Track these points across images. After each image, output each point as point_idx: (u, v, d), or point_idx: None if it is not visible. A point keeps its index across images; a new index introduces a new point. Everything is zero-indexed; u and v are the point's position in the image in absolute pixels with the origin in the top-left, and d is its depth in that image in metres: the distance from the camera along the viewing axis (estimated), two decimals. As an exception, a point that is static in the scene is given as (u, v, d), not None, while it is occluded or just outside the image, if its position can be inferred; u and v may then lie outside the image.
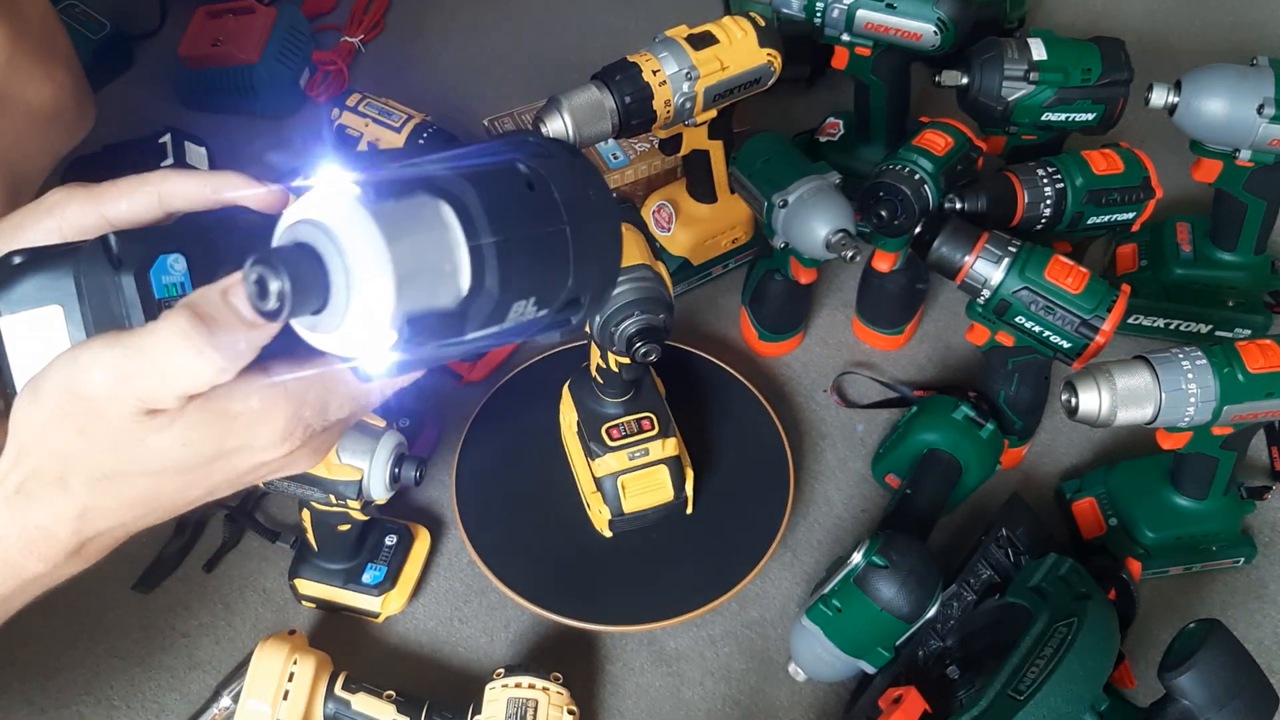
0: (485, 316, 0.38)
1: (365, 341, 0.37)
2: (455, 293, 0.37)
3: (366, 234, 0.35)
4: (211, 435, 0.41)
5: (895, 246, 0.97)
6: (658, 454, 0.86)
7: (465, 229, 0.36)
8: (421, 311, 0.36)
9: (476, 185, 0.38)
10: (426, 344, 0.37)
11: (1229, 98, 0.90)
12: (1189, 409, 0.77)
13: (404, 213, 0.36)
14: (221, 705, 0.79)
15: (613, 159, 1.13)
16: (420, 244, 0.36)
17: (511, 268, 0.38)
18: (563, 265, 0.40)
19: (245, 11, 1.26)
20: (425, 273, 0.36)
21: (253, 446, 0.42)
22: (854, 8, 0.99)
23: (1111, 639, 0.72)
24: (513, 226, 0.38)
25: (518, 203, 0.39)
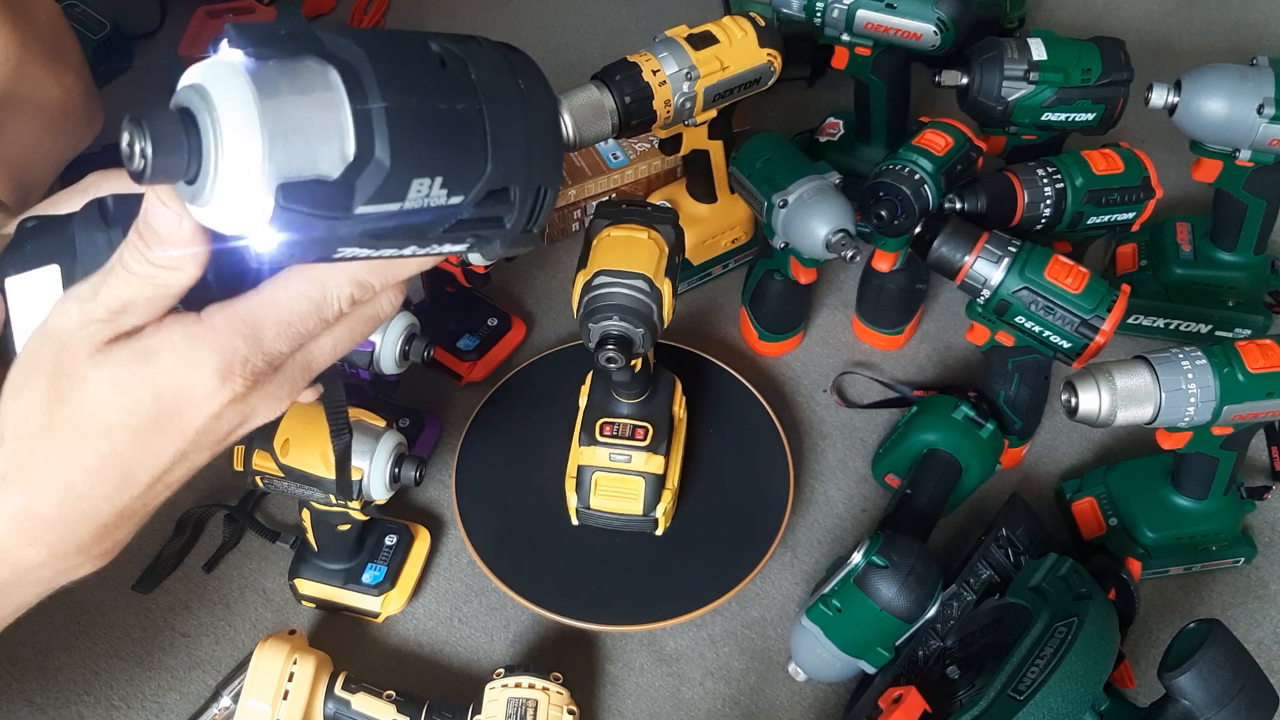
0: (377, 189, 0.35)
1: (240, 207, 0.35)
2: (339, 159, 0.35)
3: (235, 91, 0.34)
4: (140, 375, 0.41)
5: (895, 246, 0.97)
6: (639, 466, 0.85)
7: (350, 92, 0.35)
8: (301, 177, 0.34)
9: (375, 53, 0.36)
10: (311, 214, 0.35)
11: (1229, 98, 0.90)
12: (1189, 409, 0.77)
13: (284, 73, 0.34)
14: (221, 705, 0.80)
15: (613, 159, 1.13)
16: (297, 103, 0.34)
17: (405, 137, 0.35)
18: (474, 146, 0.38)
19: (245, 11, 1.27)
20: (302, 133, 0.34)
21: (193, 394, 0.42)
22: (854, 8, 0.99)
23: (1111, 639, 0.72)
24: (409, 95, 0.36)
25: (421, 74, 0.37)
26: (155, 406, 0.42)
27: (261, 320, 0.41)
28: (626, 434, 0.86)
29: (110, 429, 0.42)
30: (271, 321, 0.41)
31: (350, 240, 0.37)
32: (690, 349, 1.02)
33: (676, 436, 0.90)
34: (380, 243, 0.38)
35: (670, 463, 0.88)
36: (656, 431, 0.86)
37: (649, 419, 0.87)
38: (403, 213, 0.37)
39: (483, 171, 0.38)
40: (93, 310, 0.41)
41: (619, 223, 0.80)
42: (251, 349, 0.41)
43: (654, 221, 0.80)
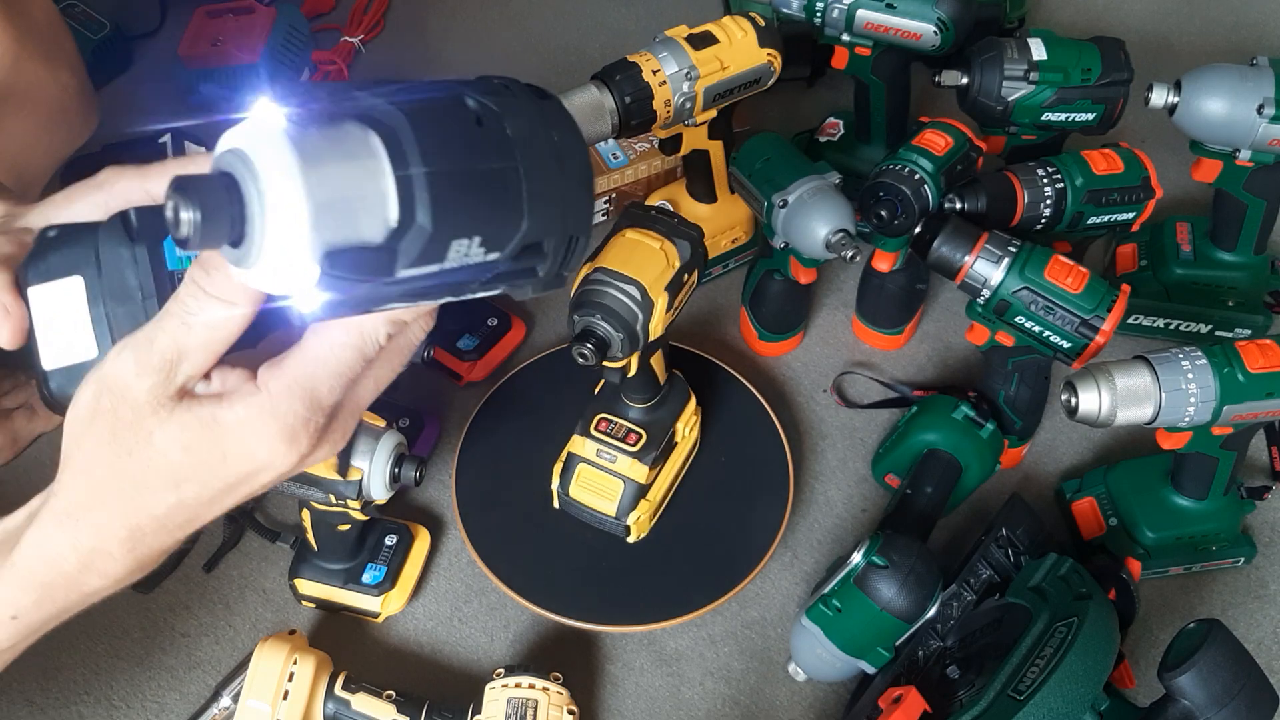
0: (419, 253, 0.36)
1: (286, 274, 0.35)
2: (382, 225, 0.35)
3: (281, 159, 0.34)
4: (207, 439, 0.42)
5: (895, 246, 0.97)
6: (622, 469, 0.86)
7: (393, 158, 0.35)
8: (345, 244, 0.35)
9: (413, 116, 0.36)
10: (354, 279, 0.36)
11: (1229, 98, 0.90)
12: (1189, 409, 0.77)
13: (327, 140, 0.35)
14: (221, 705, 0.80)
15: (613, 159, 1.13)
16: (341, 171, 0.34)
17: (446, 201, 0.36)
18: (512, 204, 0.38)
19: (245, 11, 1.26)
20: (346, 202, 0.34)
21: (260, 459, 0.43)
22: (854, 8, 0.99)
23: (1111, 639, 0.72)
24: (449, 159, 0.36)
25: (458, 136, 0.37)
26: (225, 468, 0.43)
27: (315, 378, 0.43)
28: (619, 435, 0.86)
29: (179, 484, 0.43)
30: (324, 376, 0.43)
31: (391, 299, 0.38)
32: (690, 349, 1.02)
33: (674, 453, 0.90)
34: (419, 298, 0.39)
35: (659, 476, 0.88)
36: (649, 441, 0.86)
37: (647, 427, 0.87)
38: (443, 272, 0.37)
39: (519, 229, 0.39)
40: (149, 359, 0.41)
41: (639, 226, 0.79)
42: (311, 409, 0.43)
43: (673, 234, 0.79)
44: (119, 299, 0.46)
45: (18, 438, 0.93)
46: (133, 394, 0.42)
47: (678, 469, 0.91)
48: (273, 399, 0.42)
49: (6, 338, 0.51)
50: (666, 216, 0.81)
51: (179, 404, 0.42)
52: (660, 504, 0.90)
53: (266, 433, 0.42)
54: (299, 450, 0.43)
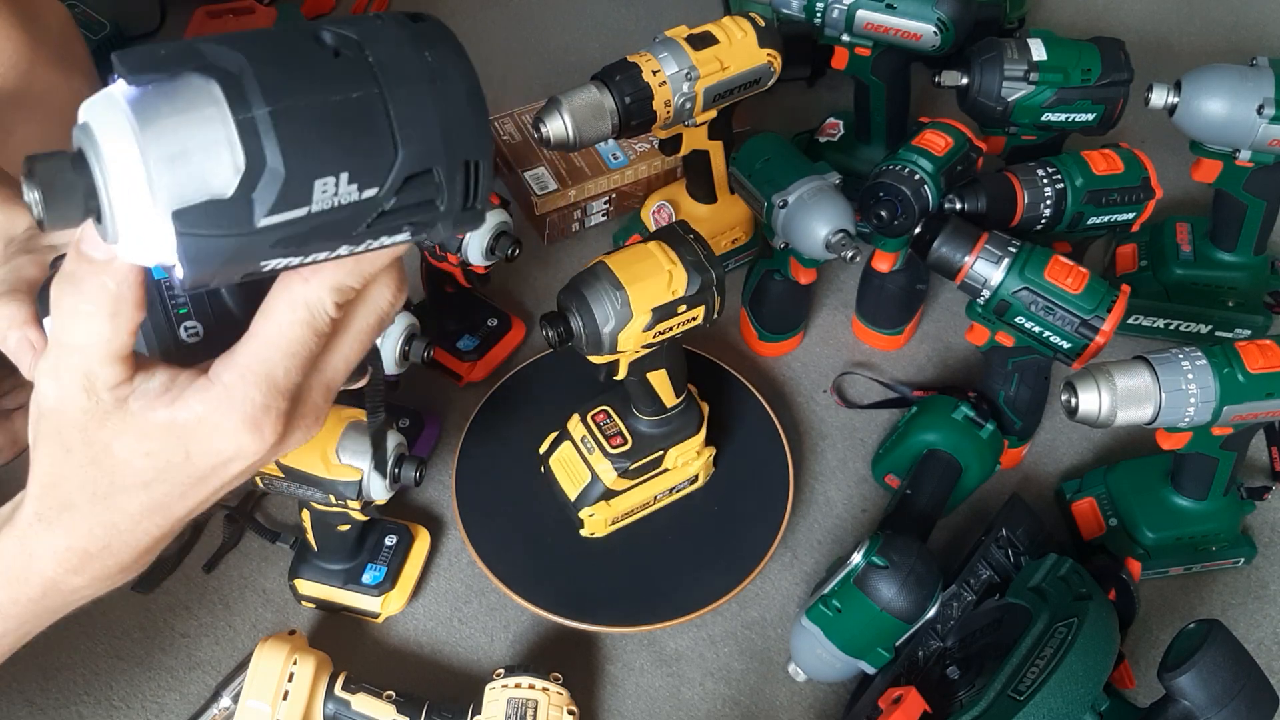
0: (277, 198, 0.34)
1: (145, 239, 0.34)
2: (232, 173, 0.34)
3: (114, 122, 0.33)
4: (167, 442, 0.41)
5: (895, 247, 0.97)
6: (594, 464, 0.86)
7: (231, 102, 0.33)
8: (195, 199, 0.34)
9: (256, 57, 0.34)
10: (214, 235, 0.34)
11: (1229, 98, 0.90)
12: (1189, 409, 0.77)
13: (163, 96, 0.33)
14: (221, 705, 0.79)
15: (613, 159, 1.13)
16: (177, 124, 0.33)
17: (297, 139, 0.34)
18: (379, 133, 0.36)
19: (245, 11, 1.26)
20: (186, 154, 0.33)
21: (226, 453, 0.42)
22: (854, 8, 0.99)
23: (1111, 639, 0.72)
24: (297, 95, 0.34)
25: (307, 69, 0.35)
26: (190, 465, 0.42)
27: (269, 362, 0.41)
28: (607, 432, 0.87)
29: (148, 485, 0.43)
30: (278, 359, 0.41)
31: (267, 253, 0.36)
32: (690, 348, 1.02)
33: (659, 478, 0.89)
34: (303, 249, 0.37)
35: (632, 490, 0.88)
36: (632, 451, 0.86)
37: (637, 439, 0.87)
38: (312, 216, 0.35)
39: (393, 160, 0.36)
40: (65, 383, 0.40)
41: (666, 243, 0.78)
42: (269, 394, 0.41)
43: (692, 267, 0.77)
44: None
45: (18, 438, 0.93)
46: (69, 415, 0.41)
47: (660, 494, 0.91)
48: (227, 390, 0.41)
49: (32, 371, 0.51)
50: (700, 248, 0.78)
51: (128, 411, 0.41)
52: (629, 517, 0.90)
53: (226, 425, 0.41)
54: (264, 438, 0.42)
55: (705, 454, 0.91)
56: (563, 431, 0.89)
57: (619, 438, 0.86)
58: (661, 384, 0.83)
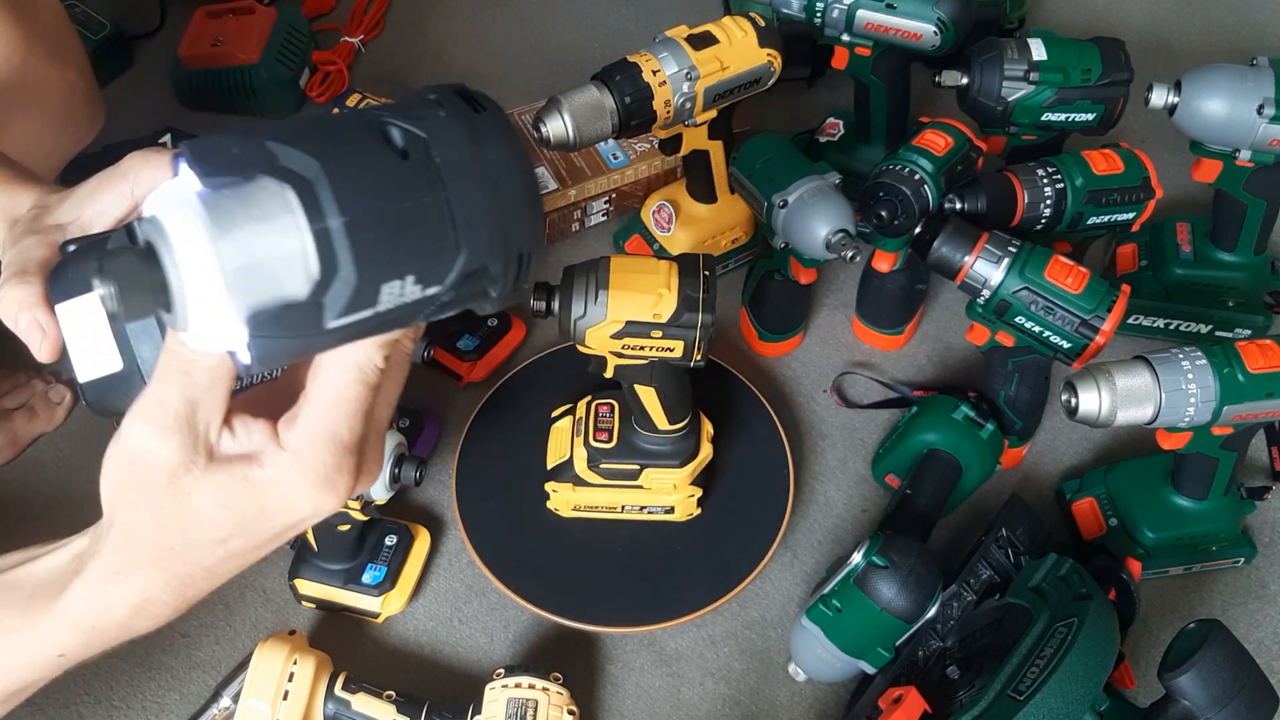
0: (347, 302, 0.35)
1: (216, 337, 0.35)
2: (305, 280, 0.35)
3: (190, 227, 0.34)
4: (243, 496, 0.42)
5: (895, 246, 0.97)
6: (575, 447, 0.88)
7: (308, 212, 0.34)
8: (269, 304, 0.34)
9: (329, 163, 0.35)
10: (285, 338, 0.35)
11: (1229, 98, 0.90)
12: (1189, 409, 0.77)
13: (238, 200, 0.34)
14: (221, 705, 0.79)
15: (613, 159, 1.13)
16: (254, 233, 0.34)
17: (370, 248, 0.35)
18: (444, 238, 0.37)
19: (245, 11, 1.26)
20: (262, 264, 0.34)
21: (300, 511, 0.43)
22: (854, 8, 0.99)
23: (1111, 639, 0.72)
24: (369, 203, 0.35)
25: (379, 176, 0.36)
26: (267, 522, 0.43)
27: (334, 424, 0.42)
28: (600, 423, 0.88)
29: (225, 540, 0.43)
30: (340, 419, 0.42)
31: (331, 345, 0.38)
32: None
33: (628, 491, 0.89)
34: (364, 336, 0.38)
35: (599, 490, 0.89)
36: (612, 453, 0.87)
37: (623, 442, 0.87)
38: (378, 315, 0.37)
39: (454, 261, 0.37)
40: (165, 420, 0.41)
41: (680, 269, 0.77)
42: (337, 454, 0.42)
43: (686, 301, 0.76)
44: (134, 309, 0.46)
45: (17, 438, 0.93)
46: (159, 459, 0.41)
47: (629, 505, 0.91)
48: (298, 457, 0.42)
49: (45, 353, 0.51)
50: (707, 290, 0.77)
51: (210, 464, 0.42)
52: (593, 511, 0.91)
53: (301, 488, 0.42)
54: (339, 495, 0.43)
55: (687, 492, 0.89)
56: (572, 407, 0.91)
57: (606, 434, 0.87)
58: (650, 402, 0.83)
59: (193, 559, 0.44)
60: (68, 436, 0.97)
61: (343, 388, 0.42)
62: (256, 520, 0.43)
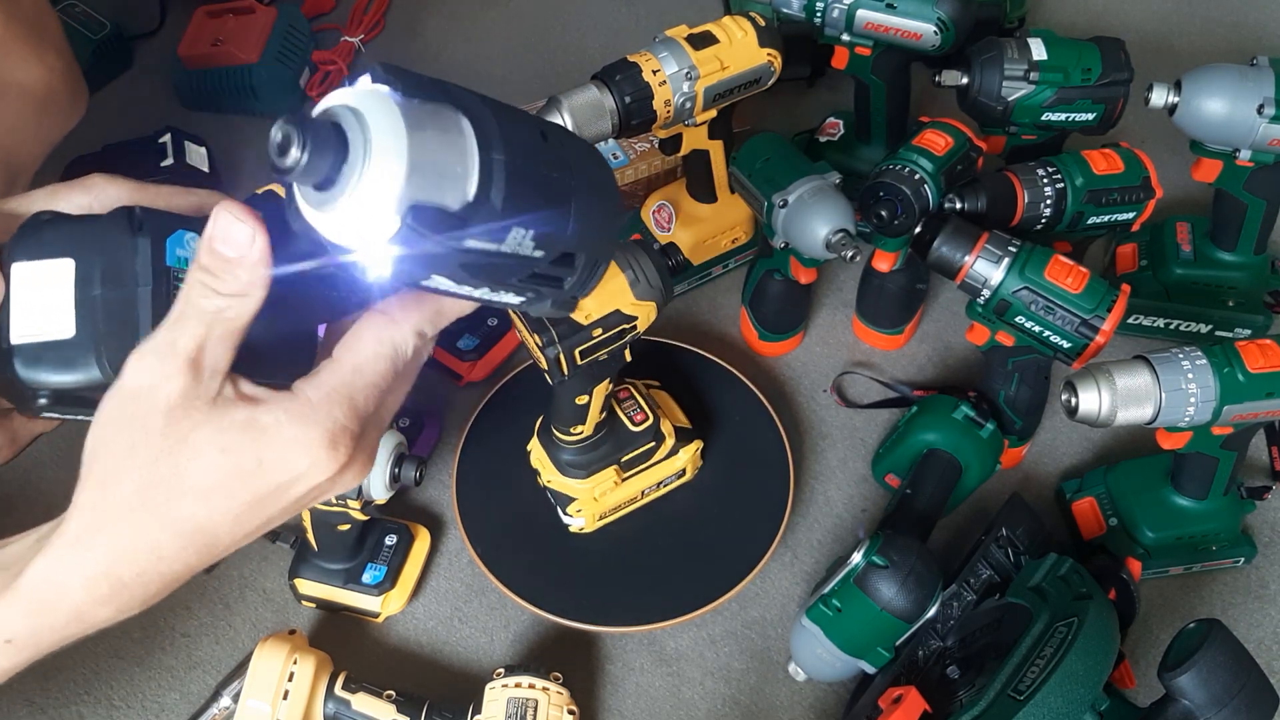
0: (485, 229, 0.40)
1: (367, 221, 0.38)
2: (462, 194, 0.39)
3: (390, 118, 0.38)
4: (245, 441, 0.42)
5: (895, 246, 0.97)
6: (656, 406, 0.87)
7: (480, 141, 0.39)
8: (426, 203, 0.38)
9: (497, 112, 0.41)
10: (430, 237, 0.39)
11: (1229, 98, 0.90)
12: (1189, 409, 0.77)
13: (427, 113, 0.39)
14: (221, 705, 0.80)
15: (613, 159, 1.13)
16: (437, 140, 0.38)
17: (516, 190, 0.40)
18: (564, 210, 0.43)
19: (245, 11, 1.26)
20: (436, 166, 0.38)
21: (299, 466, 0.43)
22: (854, 8, 0.99)
23: (1111, 639, 0.72)
24: (522, 156, 0.41)
25: (530, 140, 0.42)
26: (258, 477, 0.43)
27: (354, 387, 0.43)
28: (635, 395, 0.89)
29: (208, 494, 0.42)
30: (361, 386, 0.43)
31: (446, 269, 0.41)
32: (691, 348, 1.02)
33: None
34: (467, 278, 0.41)
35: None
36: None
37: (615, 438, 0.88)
38: (498, 254, 0.41)
39: (565, 234, 0.43)
40: (174, 359, 0.41)
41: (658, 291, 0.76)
42: (350, 417, 0.43)
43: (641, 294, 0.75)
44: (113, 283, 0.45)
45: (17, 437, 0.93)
46: (162, 398, 0.41)
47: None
48: (312, 405, 0.42)
49: None
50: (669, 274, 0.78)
51: (213, 406, 0.42)
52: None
53: (307, 439, 0.42)
54: (338, 459, 0.43)
55: None
56: None
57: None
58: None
59: (168, 518, 0.42)
60: (67, 435, 0.97)
61: (372, 359, 0.44)
62: (250, 474, 0.42)
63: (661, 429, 0.89)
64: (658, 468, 0.90)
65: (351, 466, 0.44)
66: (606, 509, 0.90)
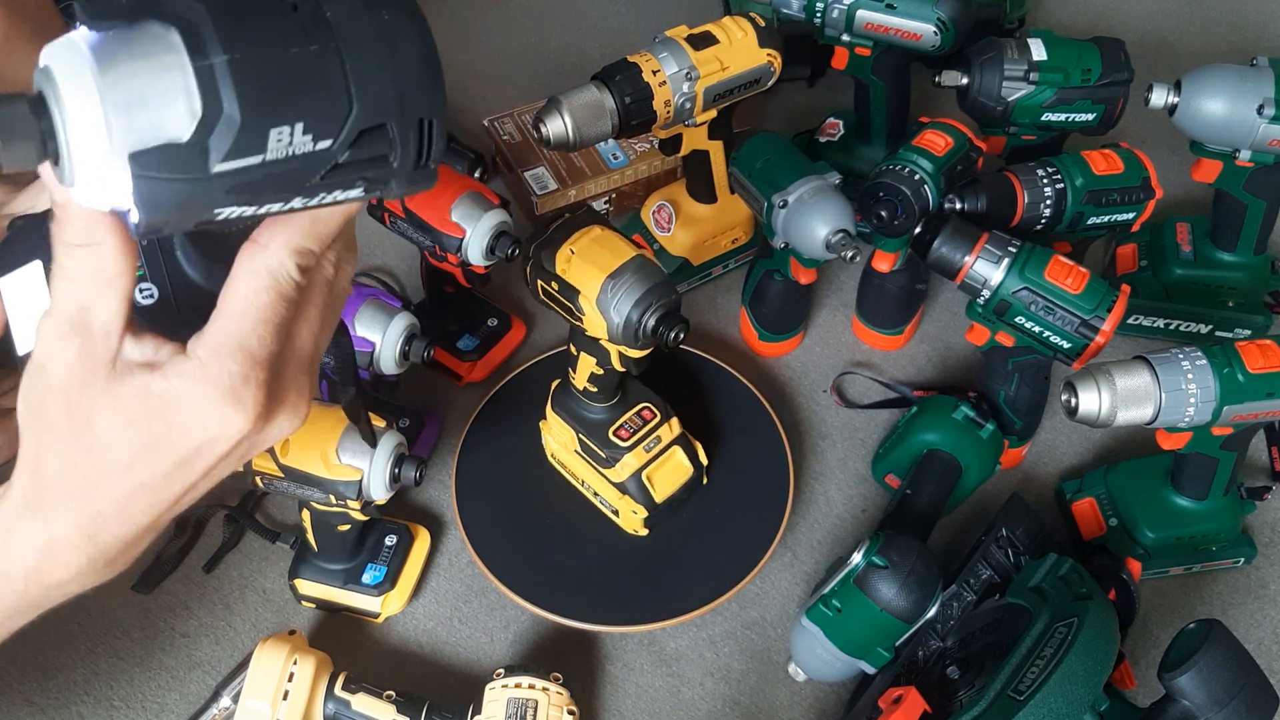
0: (232, 144, 0.35)
1: (101, 182, 0.35)
2: (189, 119, 0.35)
3: (74, 67, 0.34)
4: (147, 411, 0.41)
5: (895, 247, 0.97)
6: (668, 437, 0.88)
7: (190, 49, 0.34)
8: (151, 143, 0.35)
9: (217, 7, 0.35)
10: (169, 179, 0.35)
11: (1229, 98, 0.90)
12: (1189, 409, 0.77)
13: (123, 42, 0.34)
14: (221, 705, 0.79)
15: (613, 159, 1.13)
16: (136, 70, 0.34)
17: (255, 87, 0.35)
18: (333, 87, 0.37)
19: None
20: (144, 99, 0.34)
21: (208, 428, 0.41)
22: (854, 8, 0.99)
23: (1111, 639, 0.72)
24: (255, 45, 0.35)
25: (267, 21, 0.36)
26: (173, 443, 0.41)
27: (241, 332, 0.41)
28: (640, 423, 0.87)
29: (130, 464, 0.42)
30: (249, 328, 0.41)
31: (221, 200, 0.37)
32: (690, 349, 1.02)
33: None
34: (257, 198, 0.38)
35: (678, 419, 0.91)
36: (655, 404, 0.88)
37: (640, 400, 0.88)
38: (266, 164, 0.36)
39: (346, 112, 0.37)
40: (60, 326, 0.40)
41: (568, 237, 0.78)
42: (246, 364, 0.41)
43: (588, 220, 0.80)
44: None
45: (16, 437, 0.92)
46: (61, 366, 0.40)
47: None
48: (203, 365, 0.40)
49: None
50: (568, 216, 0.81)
51: (113, 374, 0.40)
52: None
53: (205, 399, 0.40)
54: (247, 411, 0.41)
55: None
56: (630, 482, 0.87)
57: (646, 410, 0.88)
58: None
59: (99, 489, 0.42)
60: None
61: (252, 294, 0.41)
62: (163, 439, 0.41)
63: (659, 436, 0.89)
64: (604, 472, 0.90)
65: (275, 412, 0.43)
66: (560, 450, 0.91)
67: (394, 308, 0.85)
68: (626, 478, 0.87)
